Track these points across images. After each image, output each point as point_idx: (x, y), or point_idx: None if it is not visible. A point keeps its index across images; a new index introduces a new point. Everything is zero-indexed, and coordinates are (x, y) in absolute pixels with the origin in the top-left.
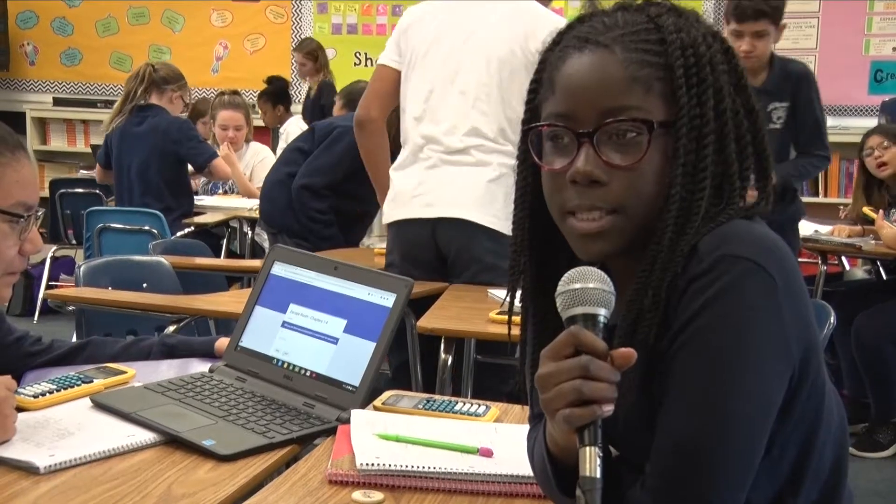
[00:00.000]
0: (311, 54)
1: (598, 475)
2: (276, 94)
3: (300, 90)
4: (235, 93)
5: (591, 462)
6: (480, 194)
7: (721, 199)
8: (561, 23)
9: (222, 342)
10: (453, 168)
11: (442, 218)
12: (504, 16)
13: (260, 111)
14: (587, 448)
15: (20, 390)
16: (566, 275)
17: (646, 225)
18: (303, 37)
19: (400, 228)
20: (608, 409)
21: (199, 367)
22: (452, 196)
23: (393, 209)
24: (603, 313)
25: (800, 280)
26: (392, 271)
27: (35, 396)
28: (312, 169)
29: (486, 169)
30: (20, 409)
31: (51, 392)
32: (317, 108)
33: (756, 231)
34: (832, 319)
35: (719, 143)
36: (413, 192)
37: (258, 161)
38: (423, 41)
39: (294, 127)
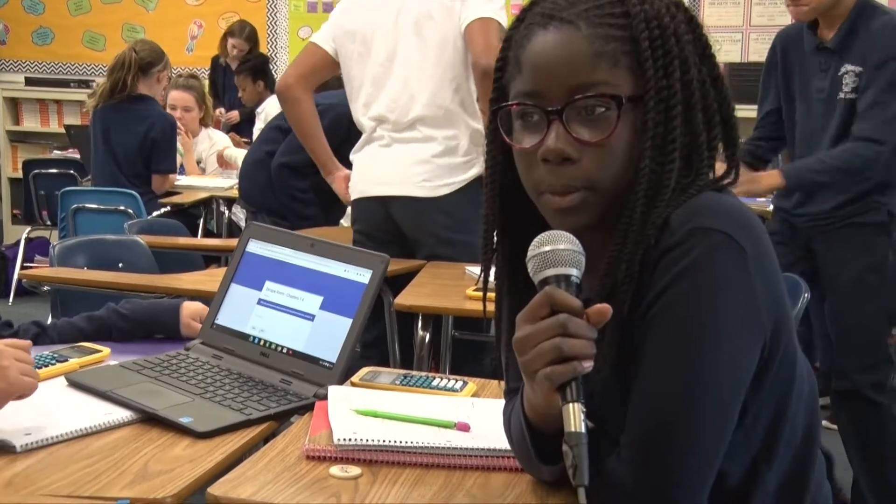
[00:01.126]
0: (250, 38)
1: (584, 430)
2: (256, 68)
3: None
4: (193, 76)
5: (576, 418)
6: (427, 169)
7: (690, 171)
8: None
9: (189, 306)
10: (402, 146)
11: (394, 196)
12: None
13: (239, 88)
14: (570, 405)
15: None
16: (536, 239)
17: (618, 199)
18: (275, 17)
19: (359, 206)
20: (588, 364)
21: (174, 345)
22: (401, 174)
23: (352, 188)
24: (575, 273)
25: (770, 251)
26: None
27: None
28: (293, 147)
29: (432, 144)
30: None
31: None
32: None
33: (726, 203)
34: (805, 294)
35: (687, 114)
36: (367, 170)
37: (212, 150)
38: (357, 27)
39: (272, 107)
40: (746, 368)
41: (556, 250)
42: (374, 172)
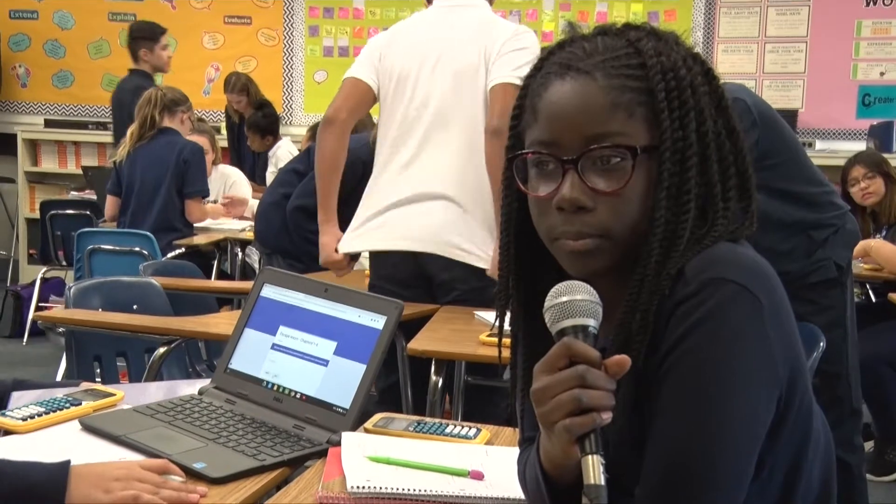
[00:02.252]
0: (243, 90)
1: (603, 482)
2: (266, 127)
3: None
4: (200, 119)
5: (595, 470)
6: (456, 229)
7: (705, 221)
8: (509, 28)
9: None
10: (430, 202)
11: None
12: (466, 35)
13: (248, 137)
14: (589, 457)
15: (7, 413)
16: (553, 289)
17: (632, 248)
18: (281, 66)
19: (380, 256)
20: (607, 416)
21: (188, 389)
22: (433, 231)
23: (374, 237)
24: (592, 324)
25: (785, 302)
26: (376, 292)
27: (23, 419)
28: (307, 190)
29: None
30: (8, 433)
31: (39, 415)
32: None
33: (742, 253)
34: (821, 343)
35: (702, 165)
36: (392, 221)
37: (229, 185)
38: (395, 69)
39: (284, 151)
40: (763, 421)
41: (574, 301)
42: (400, 225)
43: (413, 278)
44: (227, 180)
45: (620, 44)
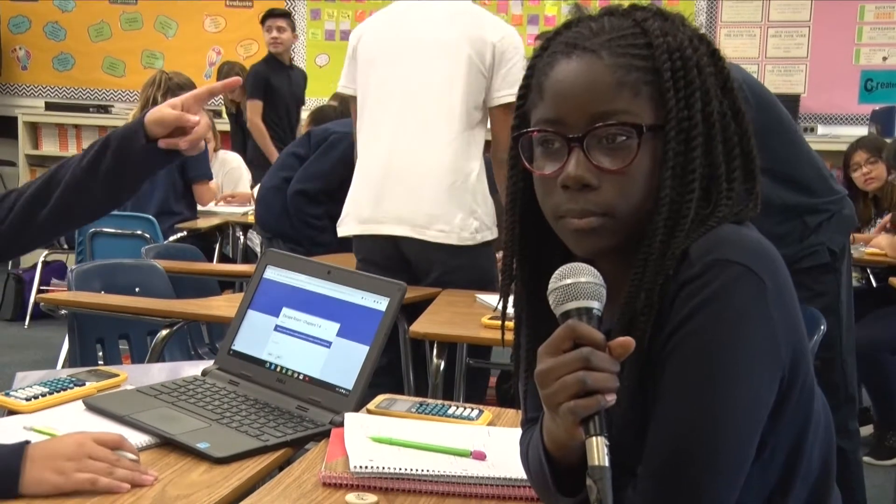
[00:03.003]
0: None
1: (607, 464)
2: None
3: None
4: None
5: (600, 451)
6: (437, 209)
7: (709, 202)
8: (494, 21)
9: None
10: (409, 182)
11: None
12: (446, 22)
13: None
14: (594, 438)
15: (12, 392)
16: (557, 272)
17: (636, 228)
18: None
19: (360, 240)
20: (611, 398)
21: (191, 370)
22: (410, 213)
23: (351, 222)
24: (596, 306)
25: (789, 284)
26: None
27: (27, 399)
28: (308, 175)
29: (444, 180)
30: (12, 412)
31: (43, 395)
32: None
33: (746, 235)
34: (822, 327)
35: (707, 145)
36: (373, 206)
37: (226, 171)
38: (371, 64)
39: None
40: (765, 402)
41: (578, 283)
42: (381, 208)
43: (391, 261)
44: (226, 167)
45: (627, 24)
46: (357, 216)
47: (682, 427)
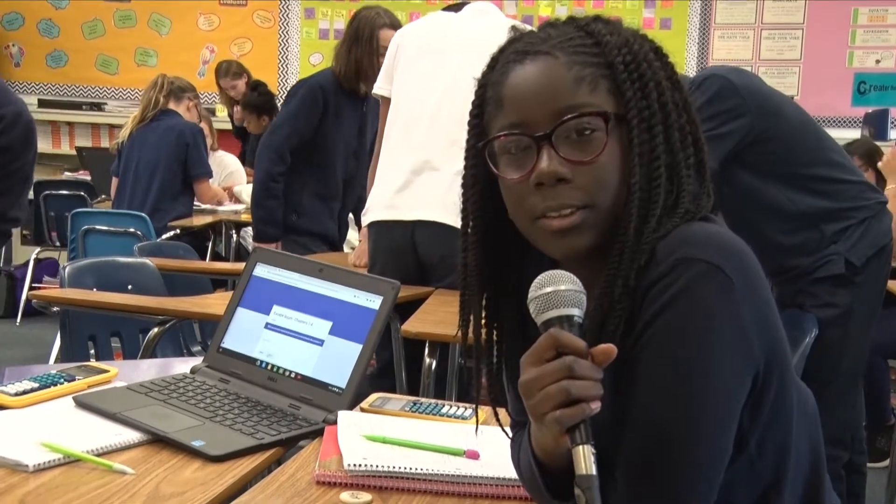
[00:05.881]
0: (238, 73)
1: (594, 472)
2: (262, 105)
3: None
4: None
5: (587, 460)
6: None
7: (673, 189)
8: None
9: None
10: (434, 173)
11: (420, 221)
12: (480, 35)
13: (245, 120)
14: (580, 447)
15: (1, 387)
16: (536, 280)
17: (613, 222)
18: (292, 47)
19: (379, 230)
20: (595, 406)
21: (181, 367)
22: (436, 200)
23: (378, 208)
24: (577, 313)
25: (761, 280)
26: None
27: (17, 395)
28: (273, 127)
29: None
30: (1, 408)
31: (33, 390)
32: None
33: (714, 232)
34: (815, 330)
35: (666, 133)
36: (393, 194)
37: (225, 174)
38: (413, 61)
39: None
40: (737, 395)
41: (558, 291)
42: (402, 197)
43: (404, 250)
44: (225, 169)
45: (570, 29)
46: (383, 202)
47: (653, 424)
